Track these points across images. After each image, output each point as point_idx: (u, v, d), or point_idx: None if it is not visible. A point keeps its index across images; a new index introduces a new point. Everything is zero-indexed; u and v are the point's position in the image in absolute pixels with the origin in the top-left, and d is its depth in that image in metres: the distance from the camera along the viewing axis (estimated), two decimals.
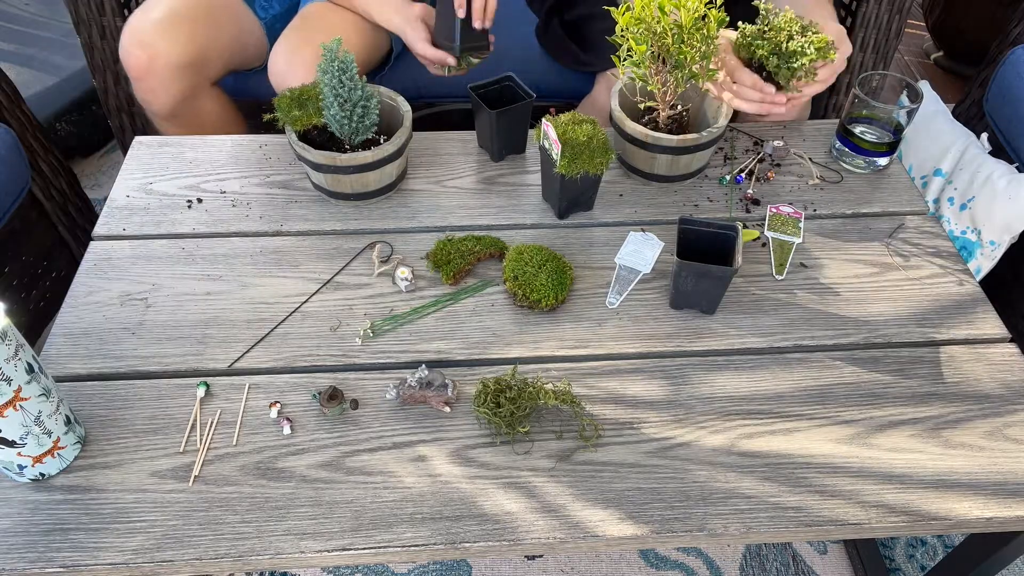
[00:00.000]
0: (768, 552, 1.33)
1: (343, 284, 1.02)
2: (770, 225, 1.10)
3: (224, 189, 1.15)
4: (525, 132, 1.20)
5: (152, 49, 1.28)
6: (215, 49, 1.35)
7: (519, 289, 0.97)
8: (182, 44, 1.29)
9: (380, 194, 1.12)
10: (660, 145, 1.09)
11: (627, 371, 0.92)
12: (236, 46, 1.41)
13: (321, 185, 1.11)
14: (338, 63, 1.02)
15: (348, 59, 1.03)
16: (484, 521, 0.79)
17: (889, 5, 1.54)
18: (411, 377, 0.88)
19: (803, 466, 0.84)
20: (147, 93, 1.33)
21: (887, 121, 1.15)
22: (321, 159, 1.04)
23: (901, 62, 2.48)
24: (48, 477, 0.81)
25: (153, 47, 1.28)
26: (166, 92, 1.32)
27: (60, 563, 0.75)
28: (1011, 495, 0.82)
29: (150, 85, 1.31)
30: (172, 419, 0.87)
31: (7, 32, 2.17)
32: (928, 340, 0.97)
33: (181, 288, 1.00)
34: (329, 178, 1.08)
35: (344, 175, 1.07)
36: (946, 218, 1.40)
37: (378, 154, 1.05)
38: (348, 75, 1.03)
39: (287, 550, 0.77)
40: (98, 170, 2.04)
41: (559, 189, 1.06)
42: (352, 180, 1.08)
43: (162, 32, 1.28)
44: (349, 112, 1.05)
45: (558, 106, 1.24)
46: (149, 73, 1.29)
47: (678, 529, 0.79)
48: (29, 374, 0.74)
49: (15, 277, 1.40)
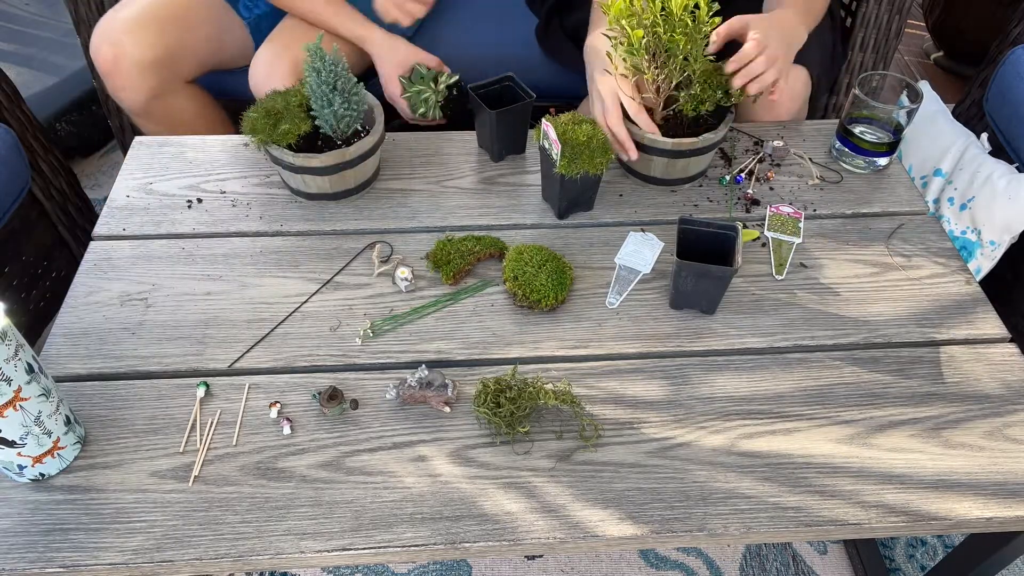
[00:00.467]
0: (768, 552, 1.33)
1: (343, 284, 1.02)
2: (770, 225, 1.10)
3: (224, 189, 1.15)
4: (525, 132, 1.19)
5: (119, 48, 1.29)
6: (187, 48, 1.36)
7: (519, 289, 0.97)
8: (149, 43, 1.30)
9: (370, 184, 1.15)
10: (656, 147, 1.09)
11: (627, 371, 0.92)
12: (212, 46, 1.41)
13: (324, 190, 1.11)
14: (328, 58, 1.03)
15: (334, 52, 1.04)
16: (484, 521, 0.79)
17: (889, 5, 1.55)
18: (411, 377, 0.88)
19: (803, 466, 0.84)
20: (117, 90, 1.34)
21: (887, 121, 1.15)
22: (330, 160, 1.05)
23: (901, 62, 2.48)
24: (48, 477, 0.81)
25: (120, 45, 1.29)
26: (135, 89, 1.33)
27: (60, 563, 0.75)
28: (1011, 495, 0.82)
29: (119, 83, 1.33)
30: (172, 419, 0.87)
31: (7, 32, 2.17)
32: (928, 340, 0.97)
33: (181, 288, 1.00)
34: (335, 178, 1.09)
35: (350, 168, 1.08)
36: (946, 218, 1.40)
37: (373, 138, 1.09)
38: (341, 67, 1.04)
39: (287, 550, 0.77)
40: (98, 170, 2.04)
41: (559, 189, 1.06)
42: (355, 173, 1.10)
43: (129, 31, 1.29)
44: (346, 102, 1.05)
45: (558, 106, 1.24)
46: (116, 70, 1.31)
47: (678, 529, 0.79)
48: (29, 374, 0.74)
49: (15, 277, 1.40)
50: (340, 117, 1.06)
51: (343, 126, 1.07)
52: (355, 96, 1.06)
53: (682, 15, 0.98)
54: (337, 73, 1.03)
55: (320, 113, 1.06)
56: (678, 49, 1.00)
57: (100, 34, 1.31)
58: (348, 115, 1.06)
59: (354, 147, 1.06)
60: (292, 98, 1.08)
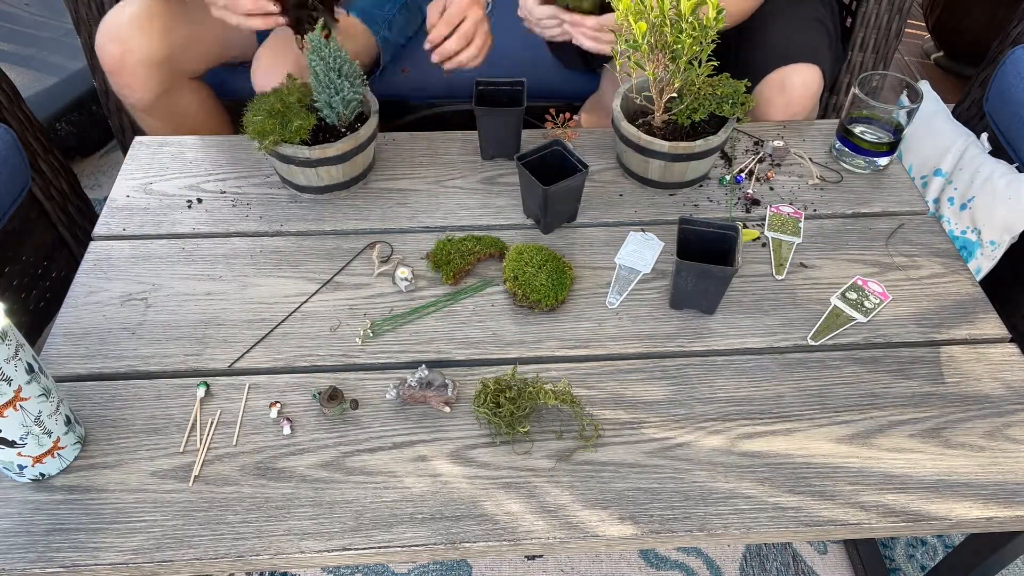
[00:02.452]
0: (768, 552, 1.33)
1: (343, 284, 1.02)
2: (770, 225, 1.10)
3: (224, 189, 1.15)
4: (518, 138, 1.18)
5: (125, 45, 1.28)
6: (193, 45, 1.36)
7: (519, 289, 0.97)
8: (156, 40, 1.29)
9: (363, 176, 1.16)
10: (652, 150, 1.09)
11: (627, 371, 0.92)
12: (219, 42, 1.41)
13: (336, 180, 1.12)
14: (331, 45, 1.04)
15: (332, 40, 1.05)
16: (484, 521, 0.79)
17: (889, 5, 1.55)
18: (411, 377, 0.88)
19: (803, 466, 0.84)
20: (122, 88, 1.34)
21: (887, 121, 1.15)
22: (346, 146, 1.07)
23: (901, 62, 2.48)
24: (48, 477, 0.81)
25: (126, 43, 1.28)
26: (141, 87, 1.32)
27: (60, 563, 0.75)
28: (1011, 495, 0.82)
29: (124, 80, 1.32)
30: (172, 419, 0.87)
31: (7, 32, 2.17)
32: (928, 340, 0.97)
33: (181, 288, 1.00)
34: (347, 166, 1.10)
35: (361, 152, 1.10)
36: (946, 218, 1.40)
37: (374, 118, 1.10)
38: (344, 52, 1.05)
39: (287, 550, 0.77)
40: (98, 170, 2.04)
41: (543, 204, 1.04)
42: (364, 157, 1.12)
43: (136, 28, 1.28)
44: (352, 87, 1.06)
45: (558, 107, 1.24)
46: (122, 68, 1.30)
47: (678, 529, 0.79)
48: (29, 374, 0.74)
49: (15, 277, 1.40)
50: (348, 102, 1.06)
51: (350, 111, 1.08)
52: (357, 79, 1.08)
53: (691, 17, 0.97)
54: (341, 58, 1.05)
55: (329, 101, 1.06)
56: (683, 51, 1.00)
57: (105, 32, 1.30)
58: (355, 98, 1.07)
59: (364, 128, 1.08)
60: (289, 96, 1.08)
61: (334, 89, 1.05)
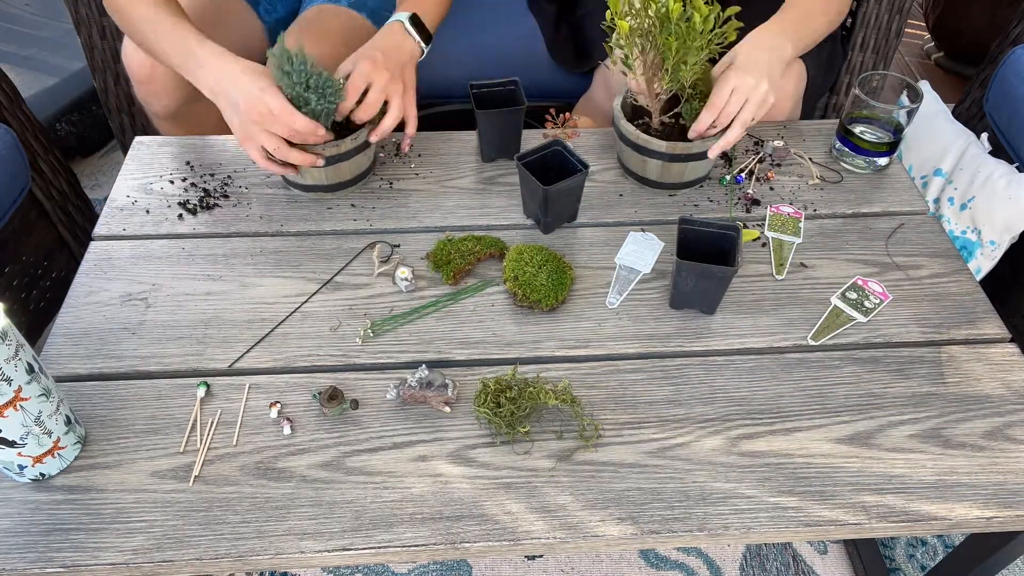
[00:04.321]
0: (768, 552, 1.33)
1: (343, 284, 1.02)
2: (770, 225, 1.10)
3: (224, 189, 1.15)
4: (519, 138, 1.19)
5: None
6: None
7: (519, 289, 0.97)
8: None
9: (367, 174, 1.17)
10: (650, 149, 1.09)
11: (627, 371, 0.92)
12: (240, 51, 1.40)
13: (343, 178, 1.12)
14: (295, 58, 0.99)
15: (299, 50, 1.01)
16: (484, 521, 0.79)
17: (889, 5, 1.55)
18: (411, 377, 0.88)
19: (803, 466, 0.84)
20: (149, 96, 1.33)
21: (887, 121, 1.15)
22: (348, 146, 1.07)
23: (901, 62, 2.48)
24: (48, 477, 0.81)
25: None
26: (169, 96, 1.32)
27: (60, 563, 0.75)
28: (1011, 495, 0.81)
29: (152, 89, 1.31)
30: (172, 419, 0.87)
31: (7, 32, 2.17)
32: (928, 340, 0.97)
33: (181, 288, 1.00)
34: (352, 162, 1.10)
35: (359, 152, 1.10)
36: (946, 218, 1.40)
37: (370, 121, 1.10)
38: (311, 63, 1.00)
39: (287, 550, 0.77)
40: (98, 170, 2.04)
41: (543, 204, 1.04)
42: (351, 164, 1.11)
43: None
44: (322, 98, 1.02)
45: (557, 106, 1.24)
46: (152, 77, 1.29)
47: (678, 529, 0.79)
48: (29, 374, 0.74)
49: (15, 277, 1.40)
50: (318, 114, 1.03)
51: (323, 120, 1.04)
52: (330, 89, 1.03)
53: (678, 21, 0.97)
54: (307, 71, 1.00)
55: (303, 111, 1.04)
56: (671, 54, 1.00)
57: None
58: (325, 109, 1.04)
59: (364, 129, 1.08)
60: None
61: (303, 101, 1.01)
